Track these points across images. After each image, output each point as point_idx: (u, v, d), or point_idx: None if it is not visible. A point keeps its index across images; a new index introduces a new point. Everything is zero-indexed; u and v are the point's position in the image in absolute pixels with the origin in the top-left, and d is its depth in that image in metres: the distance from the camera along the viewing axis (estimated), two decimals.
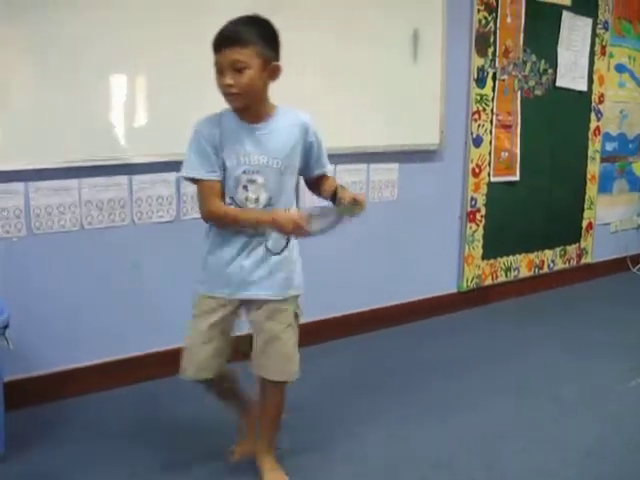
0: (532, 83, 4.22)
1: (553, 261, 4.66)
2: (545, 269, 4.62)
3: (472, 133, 3.97)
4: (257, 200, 2.03)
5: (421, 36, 3.57)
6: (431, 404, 2.87)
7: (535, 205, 4.42)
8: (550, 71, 4.31)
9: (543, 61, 4.25)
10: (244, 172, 2.02)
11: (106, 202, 2.80)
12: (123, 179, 2.83)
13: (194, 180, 2.05)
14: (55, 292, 2.76)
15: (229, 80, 1.92)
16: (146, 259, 2.93)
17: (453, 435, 2.61)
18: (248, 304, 2.13)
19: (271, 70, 1.99)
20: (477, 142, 4.01)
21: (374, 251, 3.67)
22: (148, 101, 2.88)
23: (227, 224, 2.04)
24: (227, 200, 2.04)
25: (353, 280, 3.58)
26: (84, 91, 2.67)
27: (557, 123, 4.43)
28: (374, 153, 3.54)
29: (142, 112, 2.88)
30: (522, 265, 4.45)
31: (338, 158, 3.38)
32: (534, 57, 4.19)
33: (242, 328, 2.21)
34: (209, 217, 2.07)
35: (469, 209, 4.05)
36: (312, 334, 3.40)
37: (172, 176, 2.92)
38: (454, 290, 4.12)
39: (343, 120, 3.32)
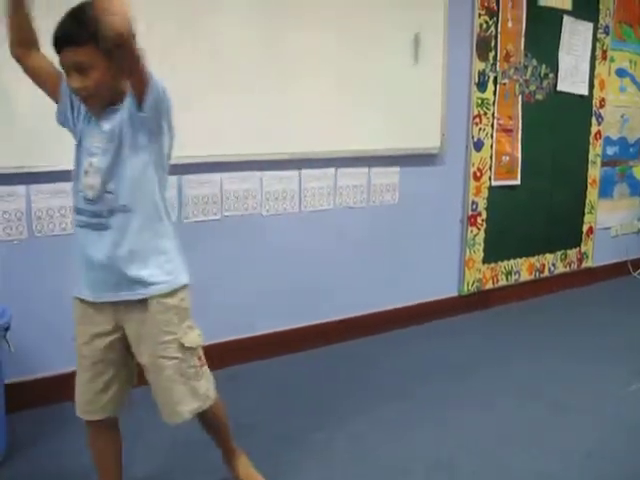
0: (533, 87, 4.23)
1: (554, 265, 4.66)
2: (546, 273, 4.61)
3: (473, 137, 3.97)
4: (92, 187, 1.76)
5: (422, 40, 3.57)
6: (432, 406, 2.87)
7: (536, 209, 4.42)
8: (551, 75, 4.31)
9: (544, 65, 4.26)
10: (88, 153, 1.78)
11: None
12: None
13: None
14: (56, 294, 2.75)
15: (73, 82, 1.69)
16: None
17: (453, 437, 2.61)
18: None
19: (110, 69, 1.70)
20: (478, 146, 4.01)
21: (375, 254, 3.67)
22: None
23: None
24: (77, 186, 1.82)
25: (354, 283, 3.59)
26: None
27: (558, 127, 4.43)
28: (375, 157, 3.54)
29: None
30: (523, 269, 4.45)
31: (339, 161, 3.41)
32: (535, 61, 4.20)
33: None
34: None
35: (470, 213, 4.05)
36: (312, 338, 3.42)
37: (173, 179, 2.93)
38: (455, 294, 4.12)
39: (344, 123, 3.33)
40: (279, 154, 3.18)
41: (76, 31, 1.65)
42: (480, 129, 4.00)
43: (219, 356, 2.57)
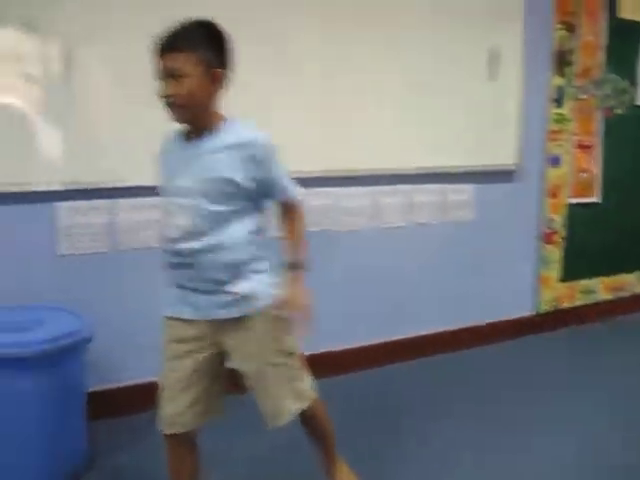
0: (612, 102, 4.13)
1: (633, 285, 4.52)
2: (625, 292, 4.48)
3: (550, 153, 3.91)
4: (178, 227, 1.81)
5: (499, 55, 3.54)
6: (507, 427, 2.83)
7: (615, 227, 4.30)
8: (631, 89, 4.21)
9: (624, 80, 4.16)
10: (174, 195, 1.83)
11: None
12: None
13: None
14: (137, 306, 2.82)
15: (165, 89, 1.75)
16: None
17: (534, 465, 2.55)
18: None
19: (213, 77, 1.77)
20: (555, 162, 3.94)
21: (450, 272, 3.64)
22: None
23: None
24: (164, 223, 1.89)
25: (428, 300, 3.57)
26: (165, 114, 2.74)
27: (639, 143, 4.31)
28: (451, 173, 3.52)
29: None
30: (601, 288, 4.34)
31: (414, 178, 3.40)
32: (614, 75, 4.11)
33: None
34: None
35: (546, 230, 3.98)
36: (389, 355, 3.41)
37: None
38: (531, 312, 4.04)
39: (420, 140, 3.33)
40: (354, 170, 3.19)
41: (183, 39, 1.72)
42: (557, 145, 3.93)
43: None
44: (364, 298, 3.34)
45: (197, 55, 1.72)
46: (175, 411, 1.92)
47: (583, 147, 4.04)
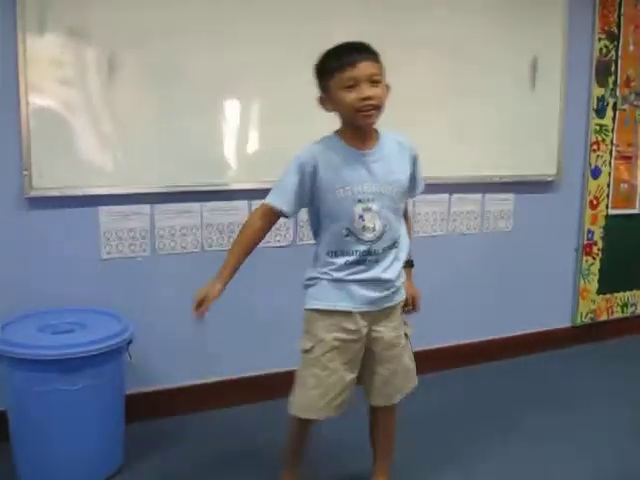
0: None
1: None
2: None
3: (590, 164, 3.87)
4: (374, 229, 1.99)
5: (540, 64, 3.52)
6: (539, 439, 2.80)
7: None
8: None
9: None
10: (359, 201, 1.97)
11: (226, 225, 2.89)
12: (242, 204, 2.92)
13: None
14: (176, 310, 2.84)
15: (368, 92, 1.89)
16: (263, 281, 2.99)
17: (561, 473, 2.53)
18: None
19: (386, 88, 1.97)
20: (595, 173, 3.90)
21: (487, 282, 3.62)
22: (266, 127, 2.95)
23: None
24: (344, 232, 1.99)
25: (465, 310, 3.55)
26: (206, 117, 2.79)
27: None
28: (490, 183, 3.50)
29: (259, 139, 2.95)
30: (639, 301, 4.28)
31: (453, 187, 3.39)
32: None
33: None
34: (245, 225, 2.08)
35: (585, 241, 3.94)
36: (420, 364, 3.39)
37: None
38: (568, 324, 4.00)
39: (459, 148, 3.32)
40: None
41: (371, 51, 1.93)
42: (598, 156, 3.89)
43: None
44: None
45: (382, 67, 1.94)
46: (326, 400, 2.07)
47: (624, 158, 3.99)
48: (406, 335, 2.20)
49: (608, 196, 3.97)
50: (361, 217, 1.97)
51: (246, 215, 2.90)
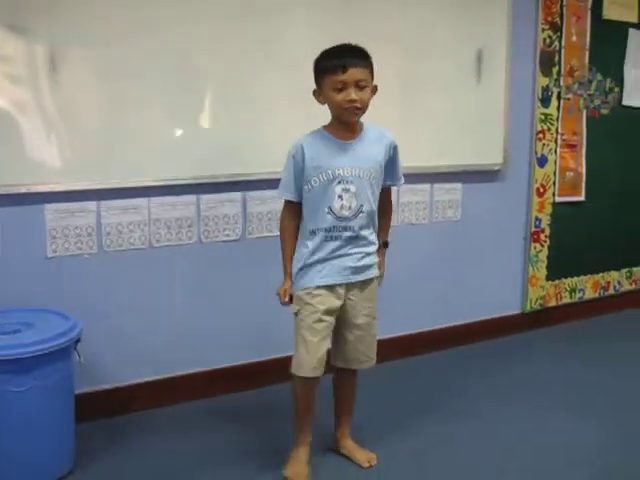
0: (598, 102, 4.16)
1: (619, 283, 4.56)
2: (611, 291, 4.52)
3: (536, 152, 3.93)
4: (350, 207, 2.29)
5: (485, 55, 3.57)
6: (493, 427, 2.84)
7: (601, 225, 4.33)
8: (616, 89, 4.24)
9: (609, 79, 4.19)
10: (339, 183, 2.27)
11: (174, 220, 2.87)
12: (191, 198, 2.90)
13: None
14: (124, 307, 2.83)
15: (354, 95, 2.19)
16: (212, 277, 2.98)
17: (515, 460, 2.58)
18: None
19: (373, 89, 2.28)
20: (541, 162, 3.97)
21: (437, 271, 3.66)
22: (212, 123, 2.93)
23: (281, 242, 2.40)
24: (325, 209, 2.28)
25: (415, 300, 3.58)
26: (153, 113, 2.76)
27: (624, 142, 4.34)
28: (438, 173, 3.54)
29: (207, 134, 2.93)
30: (587, 287, 4.37)
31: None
32: (600, 76, 4.14)
33: None
34: (280, 228, 2.41)
35: (533, 229, 4.00)
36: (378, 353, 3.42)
37: (238, 195, 2.98)
38: (518, 311, 4.07)
39: (407, 139, 3.29)
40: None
41: (363, 55, 2.23)
42: (544, 145, 3.96)
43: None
44: None
45: (371, 70, 2.24)
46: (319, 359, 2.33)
47: (569, 146, 4.07)
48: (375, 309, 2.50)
49: (554, 184, 4.04)
50: (340, 197, 2.28)
51: (194, 209, 2.91)
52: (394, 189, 2.60)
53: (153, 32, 2.71)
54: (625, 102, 4.30)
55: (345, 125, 2.30)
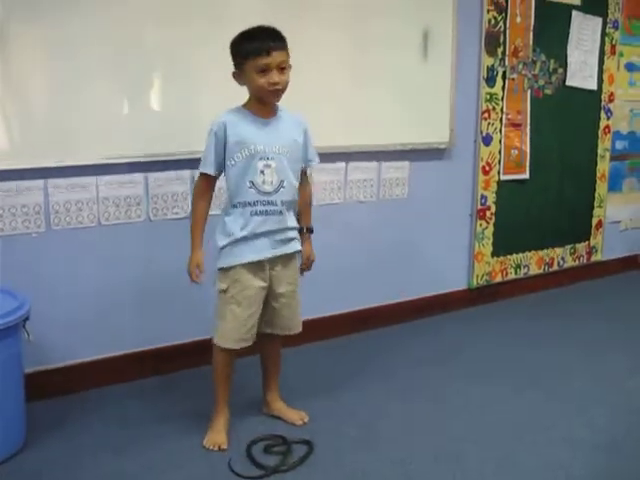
0: (542, 82, 4.26)
1: (563, 259, 4.69)
2: (555, 267, 4.65)
3: (482, 131, 4.01)
4: (271, 182, 2.39)
5: (431, 35, 3.62)
6: (441, 400, 2.92)
7: (545, 203, 4.45)
8: (560, 70, 4.34)
9: (553, 60, 4.28)
10: (260, 159, 2.36)
11: (123, 199, 2.87)
12: (139, 177, 2.90)
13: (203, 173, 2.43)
14: (73, 286, 2.82)
15: (277, 78, 2.28)
16: (161, 255, 2.99)
17: (462, 430, 2.65)
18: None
19: (289, 69, 2.35)
20: (487, 140, 4.05)
21: (385, 248, 3.72)
22: (161, 101, 2.94)
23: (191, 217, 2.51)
24: (248, 184, 2.37)
25: (363, 276, 3.64)
26: (100, 90, 2.74)
27: (567, 122, 4.46)
28: (385, 151, 3.59)
29: (155, 112, 2.93)
30: (532, 262, 4.48)
31: (350, 156, 3.46)
32: (544, 56, 4.23)
33: None
34: (193, 200, 2.50)
35: (479, 207, 4.09)
36: (322, 329, 3.47)
37: (187, 173, 2.99)
38: (464, 287, 4.16)
39: (355, 118, 3.38)
40: None
41: (282, 37, 2.32)
42: (489, 124, 4.04)
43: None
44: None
45: (289, 52, 2.33)
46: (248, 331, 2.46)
47: (513, 125, 4.16)
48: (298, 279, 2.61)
49: (500, 162, 4.13)
50: (262, 172, 2.37)
51: (142, 188, 2.91)
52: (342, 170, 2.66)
53: (104, 7, 2.69)
54: (568, 83, 4.41)
55: (265, 105, 2.40)
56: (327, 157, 3.33)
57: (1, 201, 2.64)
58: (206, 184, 2.44)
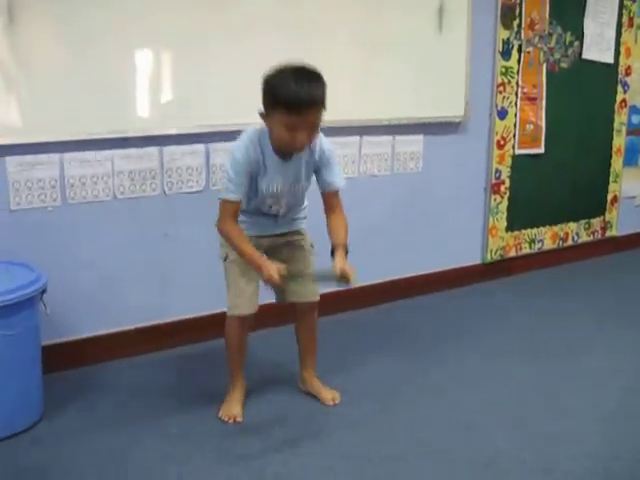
0: (558, 55, 4.21)
1: (577, 234, 4.67)
2: (569, 242, 4.63)
3: (497, 105, 3.98)
4: (278, 210, 2.42)
5: (447, 8, 3.58)
6: (456, 372, 2.94)
7: (560, 178, 4.42)
8: (576, 43, 4.29)
9: (569, 33, 4.23)
10: (271, 196, 2.35)
11: (138, 172, 2.88)
12: (154, 150, 2.91)
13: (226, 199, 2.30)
14: (89, 259, 2.84)
15: (305, 139, 2.18)
16: (176, 228, 3.01)
17: (475, 401, 2.68)
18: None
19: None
20: (502, 114, 4.02)
21: (399, 222, 3.72)
22: (176, 75, 2.93)
23: (230, 244, 2.35)
24: (252, 207, 2.38)
25: (378, 251, 3.63)
26: (116, 65, 2.74)
27: (583, 95, 4.41)
28: (399, 125, 3.57)
29: (171, 86, 2.93)
30: (546, 237, 4.47)
31: (364, 130, 3.45)
32: (560, 29, 4.18)
33: None
34: (220, 232, 2.37)
35: (493, 181, 4.07)
36: (337, 304, 3.48)
37: (201, 147, 3.00)
38: (478, 262, 4.16)
39: (369, 92, 3.37)
40: None
41: (321, 91, 2.15)
42: (504, 97, 4.00)
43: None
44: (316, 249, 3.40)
45: (324, 106, 2.18)
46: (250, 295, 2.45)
47: (529, 99, 4.12)
48: (312, 245, 2.62)
49: (514, 136, 4.11)
50: (270, 206, 2.39)
51: (157, 161, 2.92)
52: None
53: None
54: (585, 56, 4.36)
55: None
56: (341, 131, 3.34)
57: (17, 175, 2.65)
58: (234, 211, 2.32)
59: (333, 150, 2.41)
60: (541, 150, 4.26)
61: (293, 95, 2.08)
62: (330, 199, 2.45)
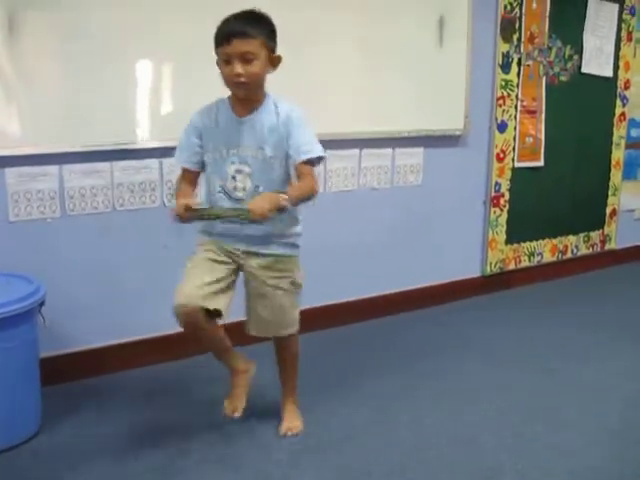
0: (557, 69, 4.22)
1: (577, 247, 4.67)
2: (569, 255, 4.63)
3: (497, 118, 3.99)
4: (244, 189, 2.21)
5: (447, 21, 3.59)
6: (455, 385, 2.92)
7: (559, 191, 4.43)
8: (575, 57, 4.30)
9: (568, 47, 4.25)
10: (232, 163, 2.20)
11: (137, 184, 2.88)
12: (153, 162, 2.90)
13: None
14: (88, 271, 2.83)
15: (239, 69, 2.07)
16: (176, 240, 2.99)
17: (475, 413, 2.66)
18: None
19: (273, 60, 2.17)
20: (501, 127, 4.03)
21: (398, 235, 3.71)
22: (176, 87, 2.93)
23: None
24: (217, 188, 2.23)
25: (376, 263, 3.63)
26: (116, 76, 2.74)
27: (582, 109, 4.42)
28: (399, 138, 3.57)
29: (170, 97, 2.93)
30: (545, 250, 4.46)
31: (364, 142, 3.45)
32: (559, 43, 4.19)
33: None
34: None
35: (493, 194, 4.07)
36: (334, 316, 3.48)
37: None
38: (478, 274, 4.15)
39: (369, 104, 3.37)
40: None
41: (253, 24, 2.08)
42: (504, 111, 4.01)
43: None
44: (314, 262, 3.38)
45: (264, 41, 2.10)
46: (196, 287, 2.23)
47: (528, 112, 4.13)
48: (294, 284, 2.36)
49: (514, 149, 4.11)
50: (233, 177, 2.21)
51: (157, 173, 2.91)
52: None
53: None
54: (584, 69, 4.38)
55: (240, 99, 2.19)
56: (341, 143, 3.35)
57: (16, 186, 2.65)
58: (186, 178, 2.30)
59: (302, 117, 2.21)
60: (540, 163, 4.26)
61: (223, 27, 2.11)
62: (299, 170, 2.19)
